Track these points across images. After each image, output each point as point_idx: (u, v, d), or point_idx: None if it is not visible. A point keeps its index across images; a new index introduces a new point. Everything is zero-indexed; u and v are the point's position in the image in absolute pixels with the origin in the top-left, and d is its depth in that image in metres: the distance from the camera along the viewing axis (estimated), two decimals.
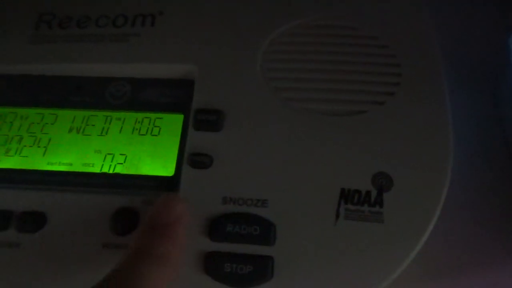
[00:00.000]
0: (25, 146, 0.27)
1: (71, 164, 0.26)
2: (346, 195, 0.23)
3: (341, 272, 0.21)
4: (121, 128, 0.27)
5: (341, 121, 0.25)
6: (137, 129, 0.27)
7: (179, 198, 0.22)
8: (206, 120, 0.25)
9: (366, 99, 0.26)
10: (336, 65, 0.26)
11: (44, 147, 0.26)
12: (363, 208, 0.23)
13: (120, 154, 0.26)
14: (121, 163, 0.26)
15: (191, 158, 0.24)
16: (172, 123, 0.26)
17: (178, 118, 0.26)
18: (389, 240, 0.22)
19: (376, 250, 0.22)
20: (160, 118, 0.27)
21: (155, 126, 0.27)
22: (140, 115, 0.27)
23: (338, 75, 0.26)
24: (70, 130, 0.27)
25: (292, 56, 0.27)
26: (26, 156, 0.26)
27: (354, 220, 0.22)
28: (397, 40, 0.27)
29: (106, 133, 0.27)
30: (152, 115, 0.27)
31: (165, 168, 0.25)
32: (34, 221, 0.23)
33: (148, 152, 0.26)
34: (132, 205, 0.23)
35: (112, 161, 0.26)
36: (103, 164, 0.26)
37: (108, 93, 0.28)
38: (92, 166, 0.26)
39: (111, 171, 0.25)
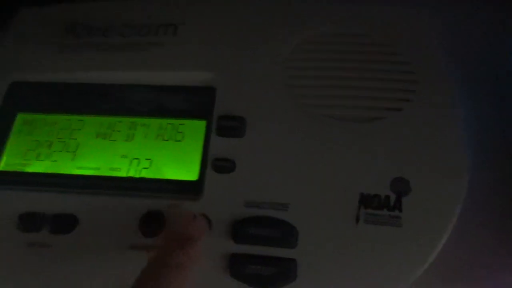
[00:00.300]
0: (54, 151, 0.28)
1: (98, 169, 0.27)
2: (365, 200, 0.24)
3: (361, 274, 0.22)
4: (146, 133, 0.28)
5: (360, 127, 0.26)
6: (161, 135, 0.28)
7: (202, 218, 0.24)
8: (229, 126, 0.26)
9: (384, 106, 0.26)
10: (355, 73, 0.27)
11: (73, 152, 0.28)
12: (382, 212, 0.23)
13: (146, 159, 0.27)
14: (147, 168, 0.27)
15: (214, 163, 0.25)
16: (194, 129, 0.27)
17: (201, 124, 0.27)
18: (407, 243, 0.23)
19: (395, 254, 0.22)
20: (183, 124, 0.28)
21: (179, 132, 0.28)
22: (163, 121, 0.28)
23: (357, 83, 0.27)
24: (97, 136, 0.28)
25: (312, 64, 0.28)
26: (56, 161, 0.27)
27: (373, 224, 0.23)
28: (412, 48, 0.28)
29: (132, 138, 0.28)
30: (175, 121, 0.28)
31: (189, 172, 0.26)
32: (66, 223, 0.24)
33: (172, 157, 0.27)
34: (158, 208, 0.24)
35: (138, 166, 0.27)
36: (129, 169, 0.27)
37: (133, 100, 0.29)
38: (119, 171, 0.27)
39: (137, 175, 0.26)
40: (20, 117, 0.29)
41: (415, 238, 0.23)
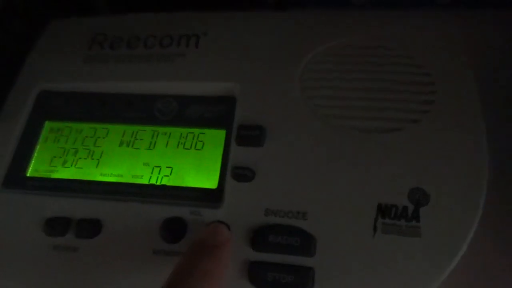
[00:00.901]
0: (80, 158, 0.29)
1: (121, 176, 0.28)
2: (383, 210, 0.24)
3: (378, 284, 0.22)
4: (167, 142, 0.29)
5: (378, 138, 0.26)
6: (182, 143, 0.28)
7: (225, 226, 0.24)
8: (249, 135, 0.26)
9: (402, 117, 0.26)
10: (373, 84, 0.27)
11: (97, 159, 0.29)
12: (400, 222, 0.23)
13: (167, 167, 0.28)
14: (167, 175, 0.27)
15: (234, 172, 0.26)
16: (214, 138, 0.28)
17: (221, 134, 0.28)
18: (426, 254, 0.23)
19: (413, 264, 0.23)
20: (203, 133, 0.28)
21: (199, 141, 0.28)
22: (184, 130, 0.29)
23: (375, 94, 0.27)
24: (121, 144, 0.29)
25: (330, 75, 0.28)
26: (81, 168, 0.28)
27: (391, 234, 0.23)
28: (431, 59, 0.28)
29: (154, 147, 0.28)
30: (196, 130, 0.29)
31: (209, 180, 0.27)
32: (91, 227, 0.25)
33: (193, 165, 0.27)
34: (180, 215, 0.25)
35: (159, 173, 0.27)
36: (151, 176, 0.27)
37: (156, 109, 0.30)
38: (141, 178, 0.28)
39: (158, 183, 0.27)
40: (47, 125, 0.30)
41: (434, 248, 0.23)
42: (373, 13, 0.33)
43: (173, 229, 0.24)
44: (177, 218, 0.25)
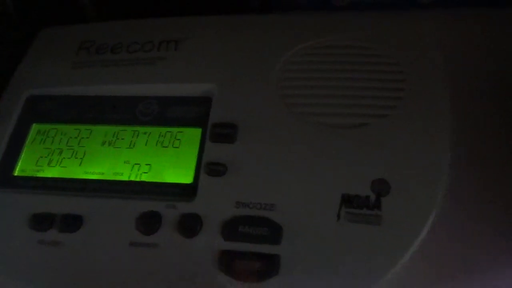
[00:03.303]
0: (64, 158, 0.30)
1: (103, 173, 0.29)
2: (347, 200, 0.25)
3: (341, 269, 0.24)
4: (147, 141, 0.30)
5: (346, 132, 0.27)
6: (160, 142, 0.30)
7: None
8: (222, 133, 0.28)
9: (370, 113, 0.28)
10: (343, 82, 0.29)
11: (81, 158, 0.30)
12: (362, 211, 0.25)
13: (146, 164, 0.29)
14: (146, 172, 0.29)
15: (208, 167, 0.27)
16: (191, 136, 0.29)
17: (197, 132, 0.29)
18: (386, 240, 0.24)
19: (374, 250, 0.24)
20: (181, 132, 0.30)
21: (177, 139, 0.30)
22: (163, 130, 0.30)
23: (346, 91, 0.28)
24: (103, 144, 0.30)
25: (304, 74, 0.30)
26: (65, 167, 0.30)
27: (354, 222, 0.24)
28: (403, 57, 0.29)
29: (134, 145, 0.30)
30: (174, 129, 0.30)
31: (185, 176, 0.28)
32: (72, 222, 0.27)
33: (170, 162, 0.29)
34: (156, 208, 0.26)
35: (138, 171, 0.29)
36: (130, 173, 0.29)
37: (137, 111, 0.31)
38: (122, 175, 0.29)
39: (137, 179, 0.29)
40: (35, 127, 0.32)
41: (393, 235, 0.24)
42: (349, 14, 0.34)
43: (148, 222, 0.26)
44: (152, 211, 0.26)
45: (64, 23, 0.37)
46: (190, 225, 0.25)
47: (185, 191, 0.27)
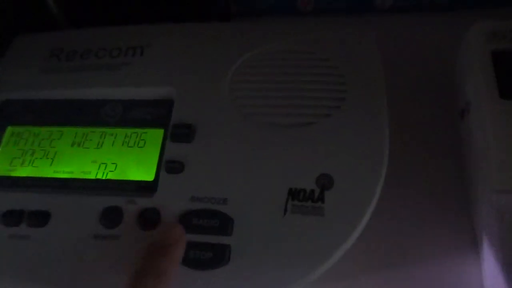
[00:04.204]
0: (36, 158, 0.32)
1: (72, 172, 0.31)
2: (293, 193, 0.27)
3: (286, 257, 0.26)
4: (113, 141, 0.32)
5: (293, 131, 0.29)
6: (126, 142, 0.32)
7: (178, 224, 0.26)
8: (180, 133, 0.30)
9: (316, 112, 0.30)
10: (290, 84, 0.31)
11: (51, 158, 0.32)
12: (307, 204, 0.27)
13: (112, 163, 0.31)
14: (112, 171, 0.31)
15: (166, 165, 0.29)
16: (154, 137, 0.32)
17: (159, 132, 0.31)
18: (328, 230, 0.26)
19: (317, 238, 0.26)
20: (145, 132, 0.32)
21: (141, 140, 0.32)
22: (129, 131, 0.32)
23: (292, 93, 0.31)
24: (73, 144, 0.32)
25: (254, 78, 0.32)
26: (37, 166, 0.32)
27: (299, 214, 0.27)
28: (345, 62, 0.32)
29: (101, 146, 0.32)
30: (139, 130, 0.32)
31: (147, 174, 0.30)
32: (40, 218, 0.29)
33: (135, 161, 0.31)
34: (117, 204, 0.28)
35: (105, 169, 0.31)
36: (97, 172, 0.31)
37: (104, 113, 0.33)
38: (89, 173, 0.31)
39: (103, 177, 0.31)
40: (9, 130, 0.34)
41: (334, 225, 0.26)
42: (301, 21, 0.36)
43: (110, 216, 0.28)
44: (114, 206, 0.28)
45: (37, 31, 0.39)
46: (149, 219, 0.27)
47: (146, 188, 0.29)
